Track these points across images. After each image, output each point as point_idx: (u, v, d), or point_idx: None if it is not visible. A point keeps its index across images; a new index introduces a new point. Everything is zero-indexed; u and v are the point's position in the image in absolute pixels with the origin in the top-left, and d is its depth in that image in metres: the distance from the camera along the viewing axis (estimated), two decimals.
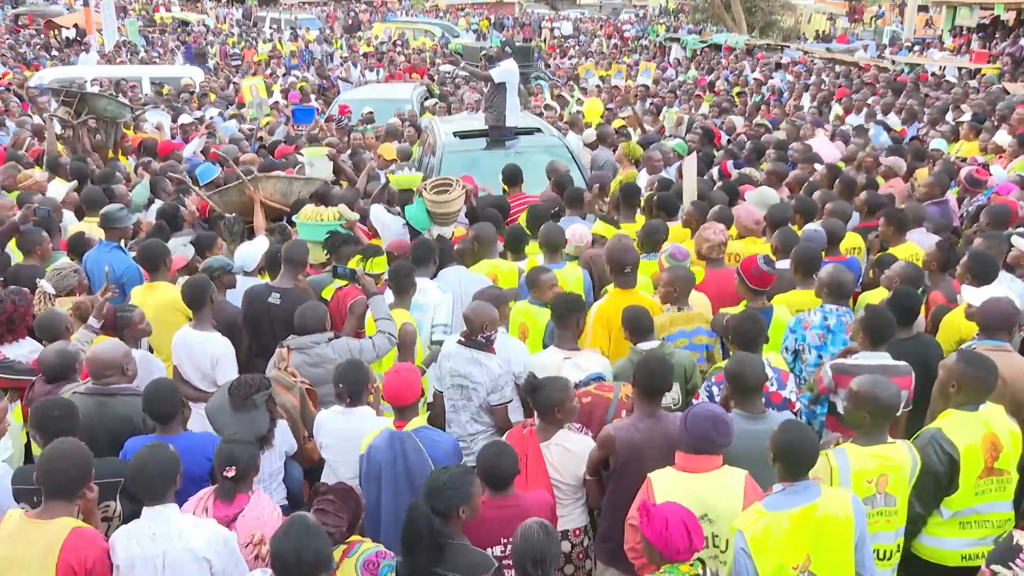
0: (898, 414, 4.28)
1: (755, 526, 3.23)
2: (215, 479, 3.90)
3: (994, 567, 2.96)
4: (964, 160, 9.08)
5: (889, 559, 3.68)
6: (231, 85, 18.23)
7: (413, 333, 5.03)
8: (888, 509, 3.62)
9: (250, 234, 6.85)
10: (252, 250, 6.02)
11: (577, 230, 6.28)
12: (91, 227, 6.66)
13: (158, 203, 7.79)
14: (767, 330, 4.48)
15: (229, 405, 4.01)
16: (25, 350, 4.89)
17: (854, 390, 3.67)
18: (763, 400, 4.02)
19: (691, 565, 3.09)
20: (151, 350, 5.51)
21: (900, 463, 3.61)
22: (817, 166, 8.36)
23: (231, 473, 3.55)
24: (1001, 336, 4.38)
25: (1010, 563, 2.93)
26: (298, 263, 5.43)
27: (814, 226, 6.19)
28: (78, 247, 6.24)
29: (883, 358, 4.33)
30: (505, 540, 3.53)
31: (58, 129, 9.39)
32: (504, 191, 7.56)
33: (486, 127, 8.98)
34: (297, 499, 4.33)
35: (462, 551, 3.28)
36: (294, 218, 6.29)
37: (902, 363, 4.38)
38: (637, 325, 4.59)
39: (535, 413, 4.08)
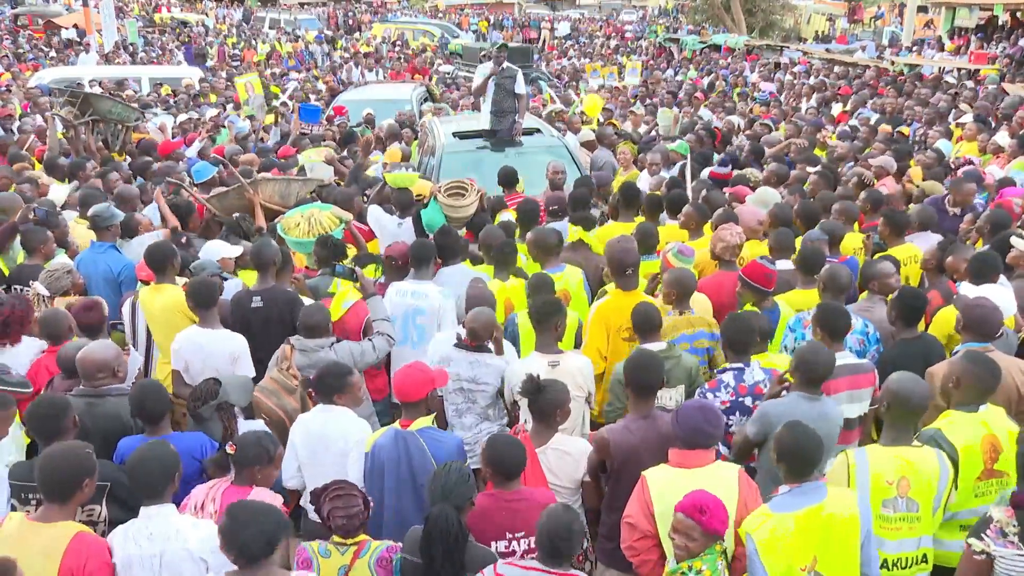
0: (865, 412, 4.34)
1: (762, 529, 3.24)
2: (207, 479, 3.92)
3: (970, 540, 3.01)
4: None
5: (909, 568, 3.62)
6: (231, 85, 18.20)
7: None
8: (910, 515, 3.59)
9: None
10: (219, 247, 5.97)
11: None
12: (82, 227, 6.62)
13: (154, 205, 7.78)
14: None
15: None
16: (35, 349, 4.87)
17: (887, 385, 3.71)
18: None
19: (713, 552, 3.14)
20: (149, 350, 5.51)
21: (924, 469, 3.58)
22: (810, 168, 8.34)
23: (231, 450, 3.64)
24: (983, 339, 4.38)
25: (982, 534, 2.98)
26: (269, 264, 5.37)
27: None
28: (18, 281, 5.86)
29: (847, 357, 4.36)
30: (511, 535, 3.55)
31: (60, 128, 9.38)
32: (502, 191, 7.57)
33: (486, 128, 9.00)
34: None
35: (471, 548, 3.31)
36: (279, 230, 6.17)
37: (865, 361, 4.47)
38: (647, 323, 4.57)
39: (532, 417, 4.07)
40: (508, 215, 6.93)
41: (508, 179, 7.57)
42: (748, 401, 4.26)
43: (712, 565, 3.11)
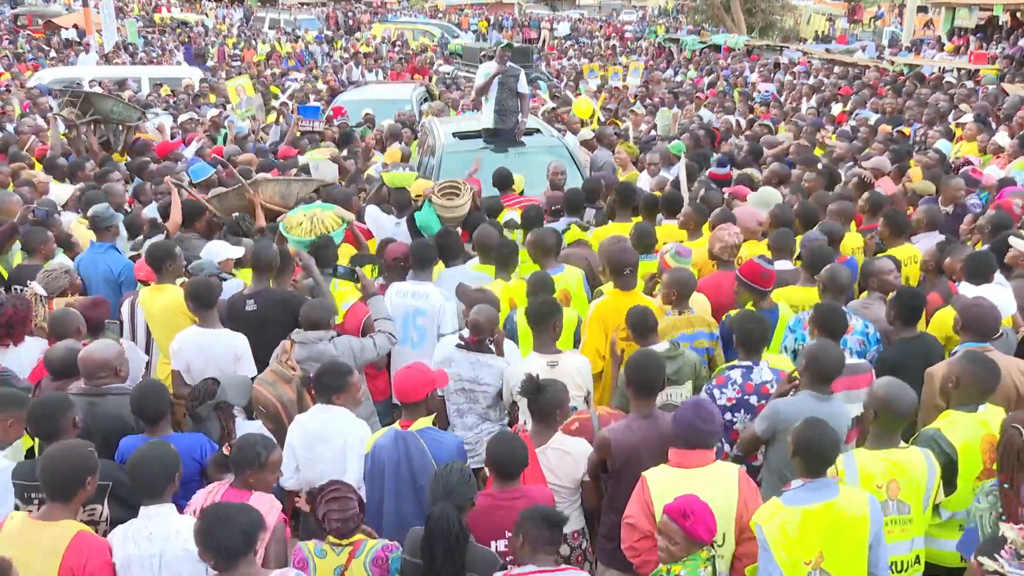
0: (862, 412, 4.33)
1: (771, 521, 3.26)
2: (207, 480, 3.94)
3: (981, 559, 3.00)
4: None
5: (906, 571, 3.63)
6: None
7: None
8: (901, 517, 3.58)
9: None
10: (221, 247, 5.96)
11: None
12: (84, 227, 6.61)
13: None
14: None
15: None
16: (38, 349, 4.85)
17: (874, 391, 3.69)
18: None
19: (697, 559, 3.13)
20: (149, 350, 5.51)
21: (912, 470, 3.58)
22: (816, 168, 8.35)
23: (227, 451, 3.64)
24: (982, 339, 4.37)
25: (996, 554, 2.96)
26: (265, 267, 5.34)
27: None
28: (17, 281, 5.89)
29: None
30: (510, 534, 3.53)
31: (62, 128, 9.38)
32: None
33: (488, 127, 9.00)
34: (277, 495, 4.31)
35: (472, 548, 3.32)
36: (281, 229, 6.15)
37: (863, 361, 4.47)
38: (643, 324, 4.58)
39: (531, 417, 4.08)
40: (513, 213, 6.91)
41: (503, 181, 7.55)
42: (753, 400, 4.27)
43: (693, 572, 3.09)
